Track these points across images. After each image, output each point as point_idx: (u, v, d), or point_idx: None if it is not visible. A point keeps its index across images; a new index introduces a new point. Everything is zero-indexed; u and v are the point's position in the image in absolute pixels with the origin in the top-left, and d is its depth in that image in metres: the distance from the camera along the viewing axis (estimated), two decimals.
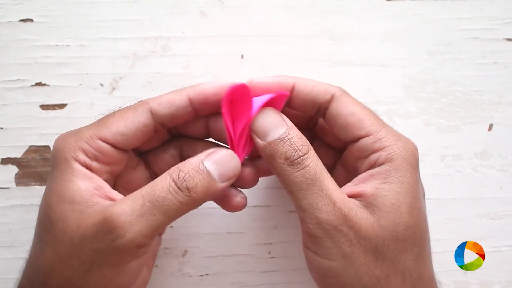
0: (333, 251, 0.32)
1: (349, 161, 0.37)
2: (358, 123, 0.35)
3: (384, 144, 0.34)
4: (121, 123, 0.34)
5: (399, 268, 0.32)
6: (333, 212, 0.32)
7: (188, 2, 0.43)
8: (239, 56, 0.43)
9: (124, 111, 0.35)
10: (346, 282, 0.32)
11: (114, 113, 0.35)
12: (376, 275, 0.32)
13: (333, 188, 0.33)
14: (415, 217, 0.33)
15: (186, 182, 0.32)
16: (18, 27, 0.42)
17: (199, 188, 0.32)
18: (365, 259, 0.32)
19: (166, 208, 0.31)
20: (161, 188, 0.31)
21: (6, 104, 0.42)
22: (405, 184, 0.33)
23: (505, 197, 0.45)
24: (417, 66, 0.44)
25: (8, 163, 0.42)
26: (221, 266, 0.43)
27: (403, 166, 0.33)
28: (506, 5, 0.45)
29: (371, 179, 0.34)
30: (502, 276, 0.44)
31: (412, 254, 0.33)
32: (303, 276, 0.43)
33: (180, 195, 0.31)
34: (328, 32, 0.44)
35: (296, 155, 0.33)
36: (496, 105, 0.45)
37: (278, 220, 0.43)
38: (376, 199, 0.33)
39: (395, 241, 0.32)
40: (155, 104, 0.35)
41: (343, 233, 0.32)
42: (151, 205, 0.31)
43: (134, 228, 0.30)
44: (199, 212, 0.43)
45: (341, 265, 0.32)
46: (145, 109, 0.35)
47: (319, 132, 0.40)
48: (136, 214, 0.30)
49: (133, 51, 0.43)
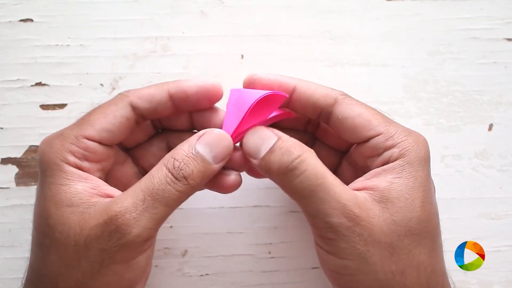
0: (348, 251, 0.32)
1: (357, 159, 0.37)
2: (367, 123, 0.35)
3: (396, 141, 0.34)
4: (104, 119, 0.34)
5: (414, 262, 0.32)
6: (344, 214, 0.32)
7: (188, 2, 0.43)
8: (239, 56, 0.43)
9: (105, 106, 0.34)
10: (362, 279, 0.32)
11: (95, 110, 0.34)
12: (391, 271, 0.32)
13: (339, 189, 0.32)
14: (427, 212, 0.33)
15: (182, 171, 0.32)
16: (18, 27, 0.42)
17: (196, 174, 0.32)
18: (380, 255, 0.32)
19: (167, 199, 0.31)
20: (158, 180, 0.31)
21: (6, 104, 0.42)
22: (418, 179, 0.33)
23: (505, 197, 0.45)
24: (417, 66, 0.44)
25: (8, 163, 0.42)
26: (221, 266, 0.43)
27: (416, 160, 0.34)
28: (506, 5, 0.45)
29: (385, 173, 0.34)
30: (502, 276, 0.44)
31: (425, 248, 0.33)
32: (303, 276, 0.43)
33: (178, 184, 0.32)
34: (328, 32, 0.44)
35: (290, 158, 0.32)
36: (496, 105, 0.45)
37: (278, 220, 0.43)
38: (390, 193, 0.33)
39: (408, 235, 0.32)
40: (135, 98, 0.34)
41: (356, 233, 0.32)
42: (152, 199, 0.31)
43: (140, 223, 0.31)
44: (199, 212, 0.43)
45: (356, 264, 0.32)
46: (126, 102, 0.34)
47: (320, 135, 0.40)
48: (139, 209, 0.31)
49: (133, 51, 0.43)
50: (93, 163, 0.34)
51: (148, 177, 0.32)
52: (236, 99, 0.35)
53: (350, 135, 0.35)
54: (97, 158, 0.34)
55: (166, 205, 0.31)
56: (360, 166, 0.37)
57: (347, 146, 0.38)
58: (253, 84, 0.36)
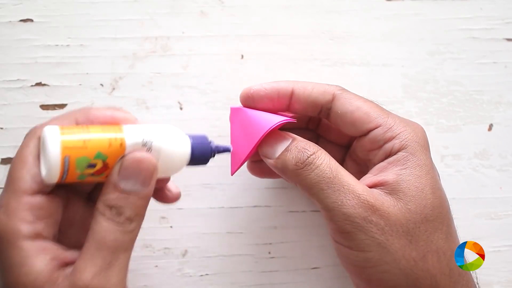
0: (367, 242, 0.33)
1: (359, 154, 0.37)
2: (365, 116, 0.35)
3: (395, 132, 0.35)
4: (27, 166, 0.31)
5: (433, 248, 0.33)
6: (360, 205, 0.33)
7: (188, 2, 0.43)
8: (239, 56, 0.43)
9: (19, 155, 0.31)
10: (386, 269, 0.33)
11: (13, 165, 0.31)
12: (413, 257, 0.33)
13: (353, 181, 0.34)
14: (438, 197, 0.34)
15: (123, 215, 0.30)
16: (18, 27, 0.42)
17: (136, 209, 0.31)
18: (400, 243, 0.33)
19: (124, 245, 0.31)
20: (106, 233, 0.30)
21: (6, 104, 0.42)
22: (424, 167, 0.34)
23: (505, 197, 0.45)
24: (417, 66, 0.44)
25: (8, 163, 0.42)
26: (221, 266, 0.43)
27: (418, 149, 0.35)
28: (506, 5, 0.45)
29: (390, 167, 0.34)
30: (502, 276, 0.44)
31: (442, 233, 0.34)
32: (303, 276, 0.43)
33: (126, 227, 0.31)
34: (328, 32, 0.44)
35: (305, 155, 0.34)
36: (496, 105, 0.45)
37: (278, 220, 0.43)
38: (400, 185, 0.34)
39: (425, 222, 0.33)
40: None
41: (373, 223, 0.33)
42: (111, 253, 0.30)
43: (112, 282, 0.30)
44: (199, 212, 0.43)
45: (377, 254, 0.33)
46: (35, 143, 0.32)
47: (322, 131, 0.40)
48: (104, 269, 0.30)
49: (133, 51, 0.43)
50: (45, 220, 0.31)
51: (94, 234, 0.30)
52: (241, 121, 0.36)
53: (350, 129, 0.36)
54: (47, 213, 0.31)
55: (126, 249, 0.31)
56: (363, 161, 0.37)
57: (349, 140, 0.39)
58: (251, 99, 0.37)
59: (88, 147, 0.30)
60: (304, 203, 0.43)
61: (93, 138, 0.30)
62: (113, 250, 0.30)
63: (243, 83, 0.38)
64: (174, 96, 0.43)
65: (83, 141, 0.30)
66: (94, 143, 0.30)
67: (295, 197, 0.43)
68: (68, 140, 0.30)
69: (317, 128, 0.40)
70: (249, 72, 0.43)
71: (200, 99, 0.43)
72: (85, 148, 0.30)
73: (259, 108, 0.36)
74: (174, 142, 0.32)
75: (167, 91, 0.43)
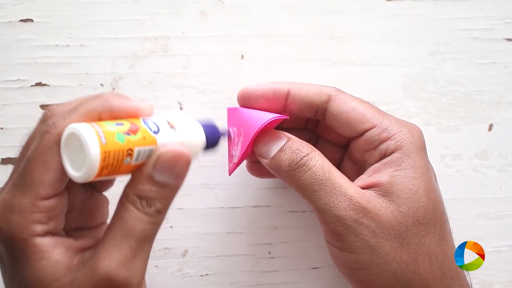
0: (359, 245, 0.33)
1: (356, 154, 0.37)
2: (361, 117, 0.35)
3: (390, 133, 0.35)
4: (46, 169, 0.30)
5: (425, 251, 0.33)
6: (351, 207, 0.33)
7: (188, 2, 0.43)
8: (239, 56, 0.43)
9: (38, 152, 0.30)
10: (376, 272, 0.33)
11: (31, 162, 0.30)
12: (404, 261, 0.33)
13: (345, 183, 0.34)
14: (432, 200, 0.34)
15: (153, 207, 0.31)
16: (18, 27, 0.42)
17: (165, 202, 0.31)
18: (391, 246, 0.33)
19: (150, 237, 0.31)
20: (135, 222, 0.30)
21: (6, 104, 0.42)
22: (418, 169, 0.34)
23: (505, 197, 0.45)
24: (417, 66, 0.44)
25: (8, 163, 0.42)
26: (221, 266, 0.43)
27: (413, 151, 0.34)
28: (506, 5, 0.45)
29: (385, 168, 0.34)
30: (502, 276, 0.44)
31: (434, 236, 0.34)
32: (303, 276, 0.43)
33: (154, 219, 0.31)
34: (328, 32, 0.44)
35: (299, 156, 0.34)
36: (496, 105, 0.45)
37: (278, 220, 0.43)
38: (393, 187, 0.34)
39: (417, 225, 0.33)
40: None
41: (364, 225, 0.33)
42: (137, 243, 0.30)
43: (136, 271, 0.30)
44: (199, 212, 0.43)
45: (368, 257, 0.33)
46: (57, 142, 0.30)
47: (320, 132, 0.40)
48: (129, 258, 0.30)
49: (133, 51, 0.43)
50: (57, 218, 0.31)
51: (121, 221, 0.30)
52: (237, 121, 0.37)
53: (345, 129, 0.36)
54: (59, 211, 0.32)
55: (150, 240, 0.31)
56: (359, 161, 0.37)
57: (347, 141, 0.39)
58: (248, 98, 0.37)
59: (125, 146, 0.30)
60: (304, 203, 0.43)
61: (130, 139, 0.30)
62: (140, 240, 0.30)
63: (243, 83, 0.38)
64: (174, 96, 0.43)
65: (119, 142, 0.30)
66: (131, 142, 0.30)
67: (295, 197, 0.43)
68: (105, 144, 0.29)
69: (316, 128, 0.40)
70: (249, 72, 0.43)
71: (200, 99, 0.43)
72: (122, 147, 0.30)
73: (255, 108, 0.37)
74: (192, 129, 0.33)
75: (167, 91, 0.43)
